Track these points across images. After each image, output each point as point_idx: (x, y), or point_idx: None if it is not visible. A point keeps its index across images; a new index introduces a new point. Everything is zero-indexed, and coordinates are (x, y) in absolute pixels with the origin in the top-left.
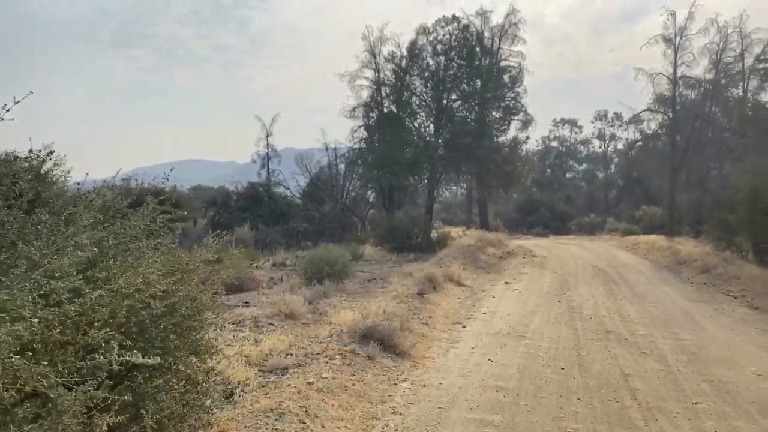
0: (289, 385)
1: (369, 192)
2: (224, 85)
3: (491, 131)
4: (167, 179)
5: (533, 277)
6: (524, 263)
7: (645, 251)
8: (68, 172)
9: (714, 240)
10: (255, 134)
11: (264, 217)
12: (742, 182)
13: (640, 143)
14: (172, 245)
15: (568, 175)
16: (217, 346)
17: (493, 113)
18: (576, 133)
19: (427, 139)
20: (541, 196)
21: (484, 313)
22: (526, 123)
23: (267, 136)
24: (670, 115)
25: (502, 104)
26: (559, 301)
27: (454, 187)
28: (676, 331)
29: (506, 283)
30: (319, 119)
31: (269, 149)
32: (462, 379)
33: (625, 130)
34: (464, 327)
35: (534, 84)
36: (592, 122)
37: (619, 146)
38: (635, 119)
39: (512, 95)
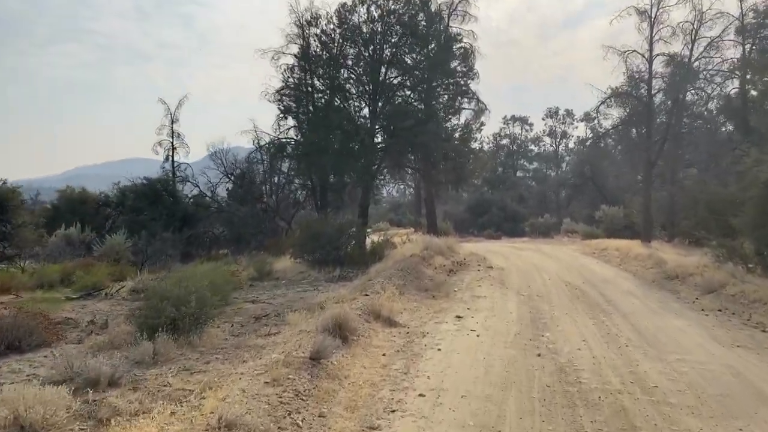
0: None
1: (299, 191)
2: (167, 83)
3: (438, 115)
4: None
5: (494, 303)
6: (480, 279)
7: (620, 260)
8: None
9: (713, 249)
10: (196, 133)
11: (162, 221)
12: (752, 178)
13: (604, 133)
14: None
15: (519, 174)
16: None
17: (441, 93)
18: (527, 130)
19: (359, 122)
20: (492, 196)
21: (422, 395)
22: (479, 112)
23: (171, 123)
24: (645, 99)
25: (451, 82)
26: (539, 355)
27: (402, 186)
28: (754, 429)
29: (457, 318)
30: (262, 116)
31: (174, 138)
32: None
33: (576, 127)
34: None
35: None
36: (543, 119)
37: (570, 144)
38: (592, 113)
39: (464, 70)
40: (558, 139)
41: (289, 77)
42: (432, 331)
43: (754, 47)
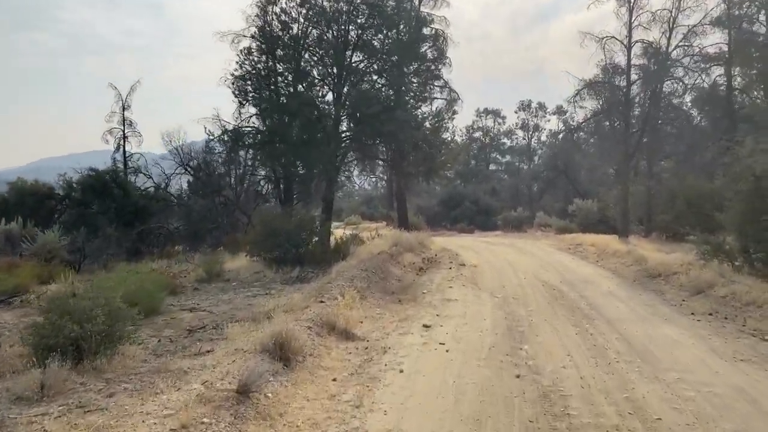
0: None
1: (262, 183)
2: (137, 73)
3: (407, 101)
4: None
5: (466, 308)
6: (451, 279)
7: (597, 256)
8: None
9: (698, 245)
10: (162, 123)
11: (110, 215)
12: (742, 170)
13: (577, 126)
14: None
15: (491, 167)
16: None
17: (411, 79)
18: (500, 123)
19: (322, 108)
20: (465, 189)
21: None
22: (452, 102)
23: (123, 110)
24: (623, 88)
25: (421, 67)
26: (518, 376)
27: (373, 179)
28: None
29: (425, 327)
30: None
31: (125, 126)
32: None
33: (548, 120)
34: None
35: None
36: (516, 112)
37: (543, 137)
38: (567, 102)
39: (435, 55)
40: (530, 132)
41: (245, 60)
42: (395, 345)
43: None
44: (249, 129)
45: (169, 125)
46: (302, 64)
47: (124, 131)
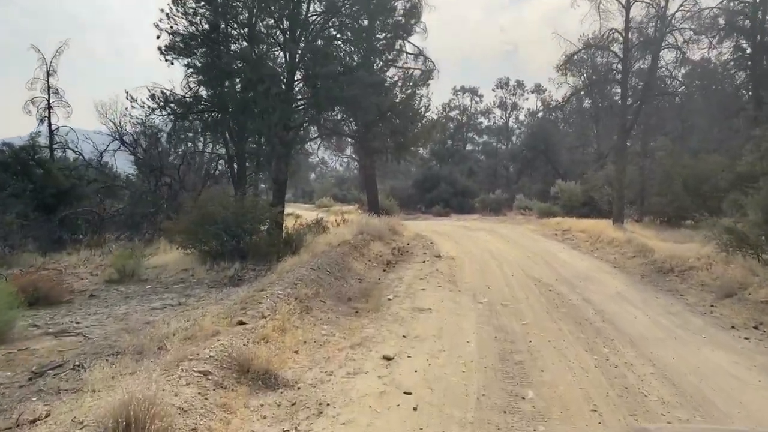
0: None
1: (214, 161)
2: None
3: (372, 60)
4: None
5: (443, 322)
6: (425, 276)
7: (590, 245)
8: None
9: (717, 234)
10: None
11: (24, 198)
12: None
13: (561, 103)
14: None
15: (468, 147)
16: None
17: (377, 35)
18: (477, 102)
19: (271, 68)
20: (441, 170)
21: None
22: (427, 73)
23: (47, 75)
24: (620, 54)
25: (388, 20)
26: None
27: (345, 158)
28: None
29: (386, 360)
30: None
31: (50, 95)
32: None
33: (526, 99)
34: None
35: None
36: (494, 90)
37: (521, 117)
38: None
39: (407, 6)
40: (508, 111)
41: (177, 9)
42: (337, 397)
43: None
44: (189, 98)
45: (106, 97)
46: (249, 19)
47: (48, 100)
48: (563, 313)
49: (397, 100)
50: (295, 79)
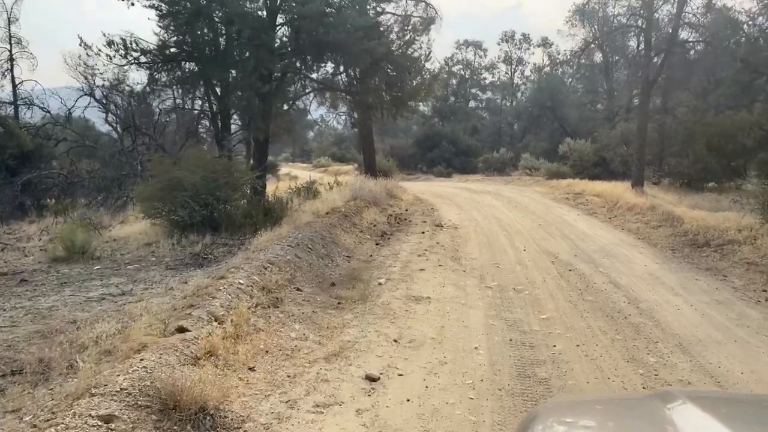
0: None
1: (197, 117)
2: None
3: (363, 0)
4: None
5: (444, 317)
6: (424, 252)
7: (608, 211)
8: None
9: (758, 199)
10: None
11: None
12: None
13: (574, 54)
14: None
15: (471, 104)
16: None
17: None
18: (480, 56)
19: (245, 8)
20: (443, 128)
21: None
22: (428, 21)
23: (8, 23)
24: None
25: None
26: None
27: (342, 116)
28: None
29: (369, 381)
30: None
31: (12, 45)
32: None
33: (532, 53)
34: None
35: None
36: (498, 44)
37: (527, 72)
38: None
39: None
40: (514, 66)
41: None
42: None
43: None
44: (154, 45)
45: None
46: None
47: (11, 51)
48: (590, 303)
49: (393, 47)
50: (278, 23)
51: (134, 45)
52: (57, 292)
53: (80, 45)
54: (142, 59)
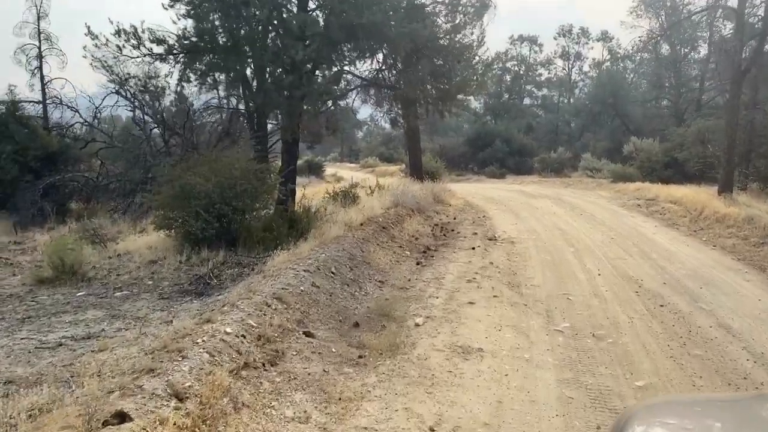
0: None
1: (231, 115)
2: None
3: None
4: None
5: (502, 385)
6: (473, 277)
7: (692, 222)
8: None
9: None
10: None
11: (2, 162)
12: None
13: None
14: None
15: (526, 101)
16: None
17: None
18: (536, 52)
19: None
20: (496, 127)
21: None
22: (481, 8)
23: (38, 18)
24: None
25: None
26: None
27: (390, 114)
28: None
29: None
30: None
31: (41, 42)
32: None
33: (591, 48)
34: None
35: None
36: (555, 38)
37: (585, 68)
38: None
39: None
40: (571, 62)
41: None
42: None
43: None
44: (170, 35)
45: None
46: None
47: (39, 48)
48: (700, 361)
49: (440, 32)
50: (308, 8)
51: (149, 35)
52: (12, 331)
53: (86, 35)
54: (156, 50)
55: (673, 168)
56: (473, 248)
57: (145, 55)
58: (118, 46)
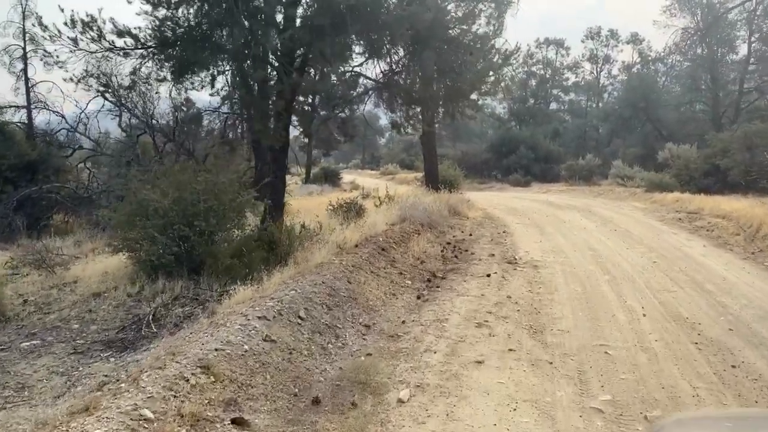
0: None
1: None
2: None
3: None
4: None
5: None
6: (484, 319)
7: (747, 242)
8: None
9: None
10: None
11: None
12: None
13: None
14: None
15: (552, 106)
16: None
17: None
18: (563, 55)
19: None
20: (520, 132)
21: None
22: (502, 5)
23: (23, 17)
24: None
25: None
26: None
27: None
28: None
29: None
30: None
31: (26, 42)
32: None
33: (621, 50)
34: None
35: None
36: (583, 41)
37: (614, 71)
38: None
39: None
40: (600, 65)
41: None
42: None
43: None
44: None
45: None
46: None
47: (24, 49)
48: None
49: (450, 21)
50: None
51: (111, 26)
52: None
53: (35, 26)
54: (119, 43)
55: (713, 176)
56: (488, 275)
57: (107, 50)
58: (71, 39)
